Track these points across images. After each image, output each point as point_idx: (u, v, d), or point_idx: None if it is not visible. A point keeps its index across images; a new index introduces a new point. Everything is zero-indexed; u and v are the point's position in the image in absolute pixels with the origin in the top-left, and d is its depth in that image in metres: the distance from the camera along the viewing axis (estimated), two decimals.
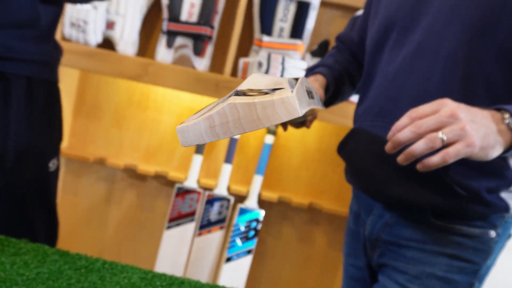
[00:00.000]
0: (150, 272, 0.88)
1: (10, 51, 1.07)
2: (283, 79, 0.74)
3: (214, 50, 1.81)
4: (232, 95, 0.60)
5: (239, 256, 1.76)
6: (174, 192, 1.78)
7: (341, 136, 1.07)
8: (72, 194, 1.99)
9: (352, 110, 1.63)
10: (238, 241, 1.76)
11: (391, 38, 0.95)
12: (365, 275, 1.06)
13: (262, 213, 1.77)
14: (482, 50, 0.84)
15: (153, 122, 1.95)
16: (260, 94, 0.59)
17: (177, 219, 1.77)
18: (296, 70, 1.68)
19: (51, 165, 1.19)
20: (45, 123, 1.16)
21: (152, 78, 1.70)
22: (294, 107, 0.57)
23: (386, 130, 0.92)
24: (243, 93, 0.60)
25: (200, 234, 1.78)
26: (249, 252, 1.77)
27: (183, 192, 1.77)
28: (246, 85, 0.66)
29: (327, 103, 1.13)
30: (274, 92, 0.59)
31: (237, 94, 0.60)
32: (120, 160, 1.92)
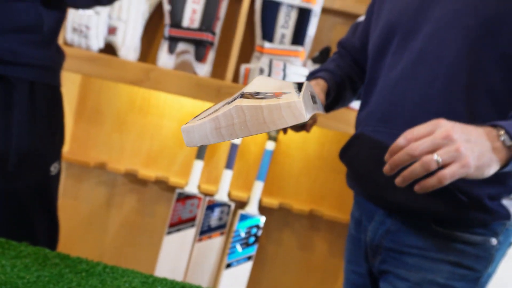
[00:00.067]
0: (151, 276, 0.88)
1: (13, 56, 1.07)
2: (289, 83, 0.74)
3: (215, 56, 1.81)
4: (238, 97, 0.60)
5: (239, 262, 1.76)
6: (174, 197, 1.77)
7: (342, 143, 1.07)
8: (72, 198, 1.98)
9: (353, 116, 1.64)
10: (238, 247, 1.75)
11: (393, 43, 0.96)
12: (366, 282, 1.06)
13: (262, 219, 1.77)
14: (484, 57, 0.85)
15: (154, 127, 1.95)
16: (266, 97, 0.59)
17: (177, 225, 1.77)
18: (297, 76, 1.68)
19: (53, 169, 1.19)
20: (47, 127, 1.16)
21: (153, 83, 1.70)
22: (301, 112, 0.57)
23: (388, 135, 0.92)
24: (250, 95, 0.60)
25: (200, 239, 1.78)
26: (249, 258, 1.76)
27: (184, 197, 1.77)
28: (252, 87, 0.66)
29: (328, 108, 1.13)
30: (281, 96, 0.59)
31: (243, 96, 0.60)
32: (121, 165, 1.92)
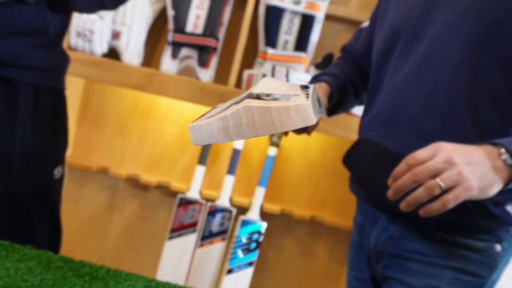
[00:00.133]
0: (154, 280, 0.88)
1: (18, 58, 1.08)
2: (295, 85, 0.74)
3: (218, 61, 1.82)
4: (246, 97, 0.60)
5: (241, 268, 1.75)
6: (176, 202, 1.77)
7: (344, 149, 1.07)
8: (74, 202, 1.98)
9: (355, 123, 1.64)
10: (240, 253, 1.75)
11: (397, 48, 0.96)
12: None
13: (264, 225, 1.77)
14: (487, 60, 0.85)
15: (156, 132, 1.95)
16: (274, 98, 0.59)
17: (178, 230, 1.77)
18: (300, 83, 1.69)
19: (56, 172, 1.19)
20: (51, 130, 1.17)
21: (156, 88, 1.70)
22: (309, 115, 0.57)
23: (392, 140, 0.92)
24: (258, 96, 0.60)
25: (201, 245, 1.78)
26: (250, 264, 1.76)
27: (185, 202, 1.77)
28: (260, 88, 0.66)
29: (330, 112, 1.13)
30: (289, 98, 0.59)
31: (251, 96, 0.60)
32: (122, 169, 1.92)
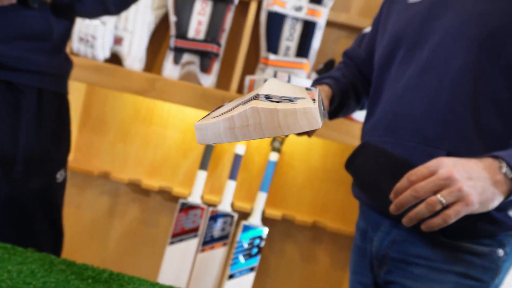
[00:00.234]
0: (157, 284, 0.88)
1: (22, 63, 1.08)
2: (301, 88, 0.74)
3: (220, 67, 1.82)
4: (253, 98, 0.60)
5: (242, 273, 1.75)
6: (177, 207, 1.77)
7: (345, 155, 1.07)
8: (75, 207, 1.98)
9: (356, 128, 1.64)
10: (241, 258, 1.75)
11: (399, 54, 0.97)
12: None
13: (265, 230, 1.77)
14: (489, 66, 0.85)
15: (158, 137, 1.96)
16: (281, 101, 0.59)
17: (180, 235, 1.77)
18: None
19: (59, 176, 1.20)
20: (54, 134, 1.17)
21: (158, 93, 1.71)
22: (316, 119, 0.57)
23: (394, 145, 0.93)
24: (265, 97, 0.60)
25: (203, 250, 1.77)
26: (251, 269, 1.76)
27: (187, 207, 1.77)
28: (267, 89, 0.66)
29: (331, 115, 1.13)
30: (296, 101, 0.60)
31: (257, 97, 0.60)
32: (124, 174, 1.92)
